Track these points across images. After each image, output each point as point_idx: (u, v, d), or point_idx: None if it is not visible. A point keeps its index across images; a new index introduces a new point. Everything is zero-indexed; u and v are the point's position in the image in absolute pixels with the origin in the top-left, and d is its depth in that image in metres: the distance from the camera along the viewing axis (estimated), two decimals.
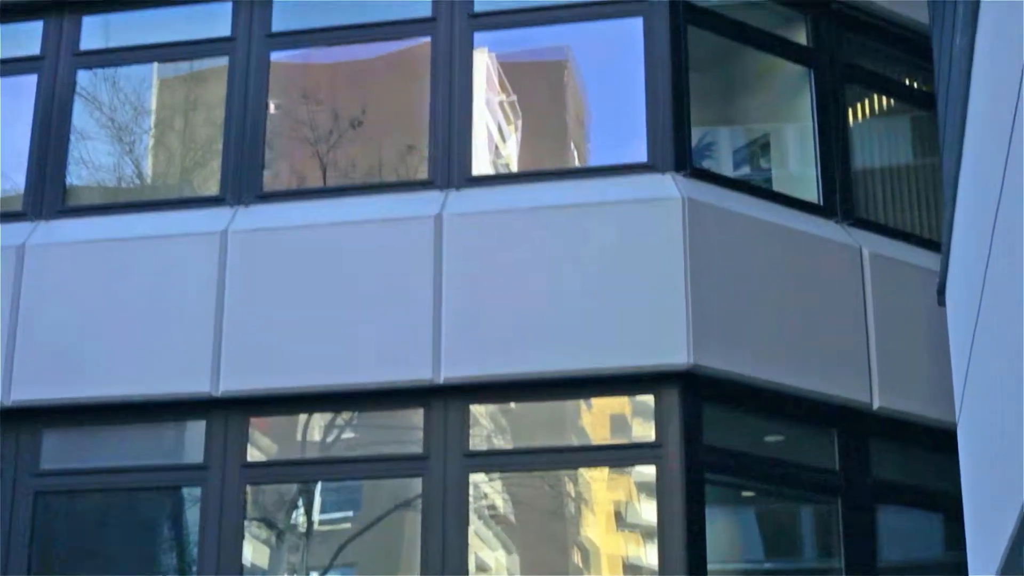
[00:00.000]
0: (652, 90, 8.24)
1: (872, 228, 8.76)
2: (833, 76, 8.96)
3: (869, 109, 9.36)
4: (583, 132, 9.08)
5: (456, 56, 8.52)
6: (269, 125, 8.66)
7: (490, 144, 8.82)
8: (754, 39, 8.91)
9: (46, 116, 8.92)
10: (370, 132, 8.81)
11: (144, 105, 9.17)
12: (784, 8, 9.06)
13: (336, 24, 8.80)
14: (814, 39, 9.02)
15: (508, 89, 8.96)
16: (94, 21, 9.10)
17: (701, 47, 8.58)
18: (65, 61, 9.03)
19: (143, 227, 8.43)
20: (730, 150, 9.18)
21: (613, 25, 8.55)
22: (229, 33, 8.87)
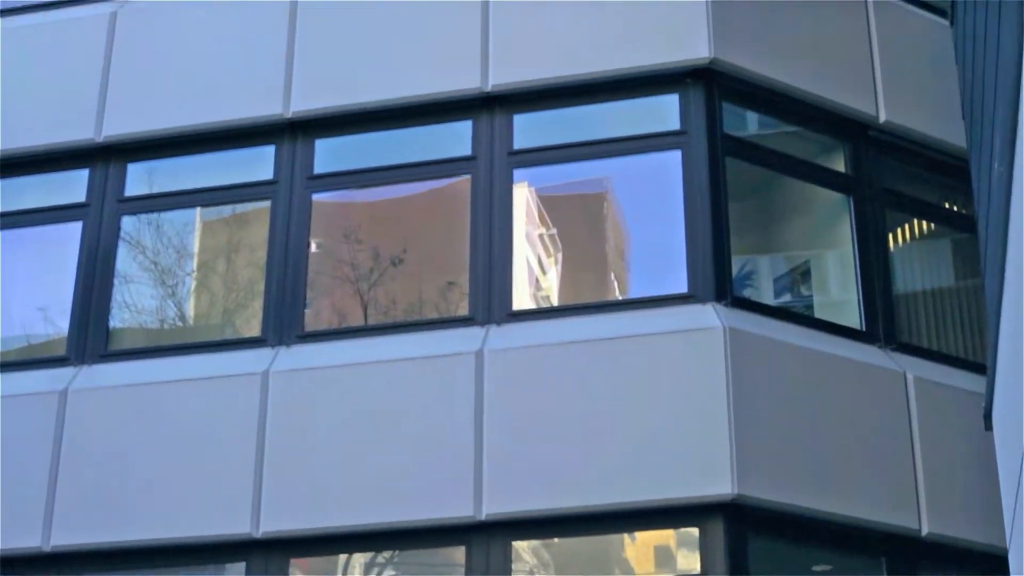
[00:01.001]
0: (692, 221, 8.51)
1: (916, 352, 8.91)
2: (873, 202, 9.20)
3: (909, 233, 9.58)
4: (623, 263, 9.33)
5: (496, 193, 8.84)
6: (311, 264, 9.00)
7: (530, 277, 9.08)
8: (792, 168, 9.21)
9: (90, 262, 9.32)
10: (411, 269, 9.12)
11: (187, 248, 9.56)
12: (822, 136, 9.35)
13: (377, 165, 9.19)
14: (852, 166, 9.28)
15: (548, 222, 9.25)
16: (138, 168, 9.55)
17: (740, 176, 8.87)
18: (110, 208, 9.47)
19: (185, 369, 8.73)
20: (771, 278, 9.39)
21: (652, 158, 8.86)
22: (271, 176, 9.27)
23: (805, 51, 9.22)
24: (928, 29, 9.76)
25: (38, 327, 9.46)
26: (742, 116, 9.31)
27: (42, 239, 9.60)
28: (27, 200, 9.68)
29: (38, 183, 9.72)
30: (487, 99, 9.10)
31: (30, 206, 9.65)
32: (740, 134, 9.06)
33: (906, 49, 9.62)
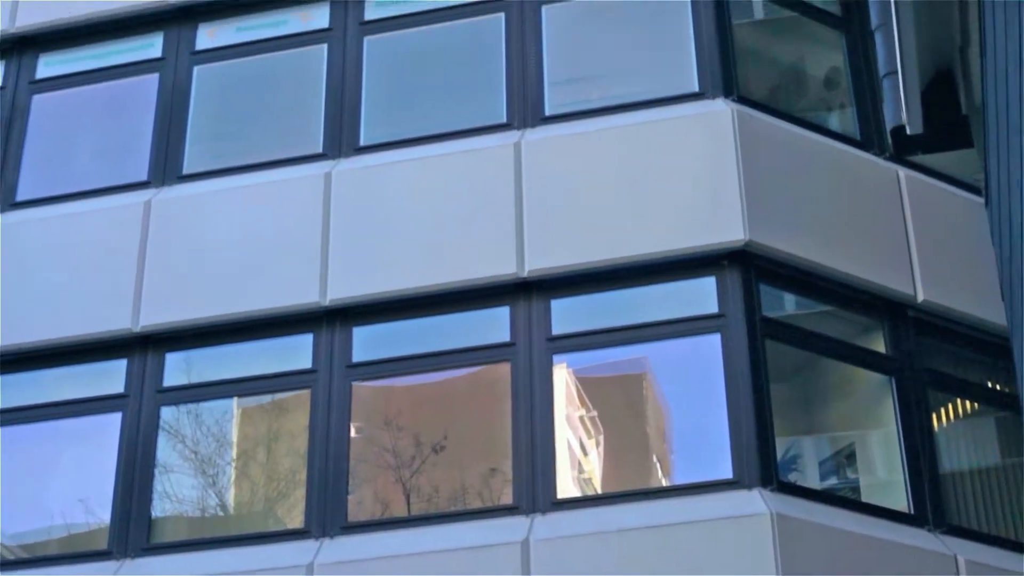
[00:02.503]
0: (733, 404, 8.90)
1: (966, 535, 9.23)
2: (914, 382, 9.61)
3: (953, 412, 9.94)
4: (665, 445, 9.72)
5: (536, 379, 9.27)
6: (352, 450, 9.35)
7: (572, 460, 9.44)
8: (833, 350, 9.66)
9: (130, 452, 9.74)
10: (452, 456, 9.50)
11: (226, 436, 9.96)
12: (861, 317, 9.78)
13: (415, 352, 9.62)
14: (893, 346, 9.72)
15: (588, 404, 9.65)
16: (177, 357, 9.99)
17: (781, 358, 9.28)
18: (149, 398, 9.88)
19: (229, 562, 9.08)
20: (816, 460, 9.75)
21: (691, 341, 9.28)
22: (310, 365, 9.71)
23: (840, 232, 9.74)
24: (963, 207, 10.29)
25: (79, 517, 9.82)
26: (780, 296, 9.77)
27: (82, 430, 10.02)
28: (66, 391, 10.15)
29: (76, 374, 10.19)
30: (524, 285, 9.60)
31: (69, 397, 10.10)
32: (779, 315, 9.52)
33: (942, 228, 10.15)
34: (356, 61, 10.93)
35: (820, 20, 11.12)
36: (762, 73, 10.93)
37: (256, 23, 11.41)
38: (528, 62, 10.51)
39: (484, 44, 10.82)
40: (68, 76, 11.59)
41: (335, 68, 10.94)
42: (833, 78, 11.12)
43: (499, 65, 10.62)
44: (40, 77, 11.67)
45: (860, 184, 10.18)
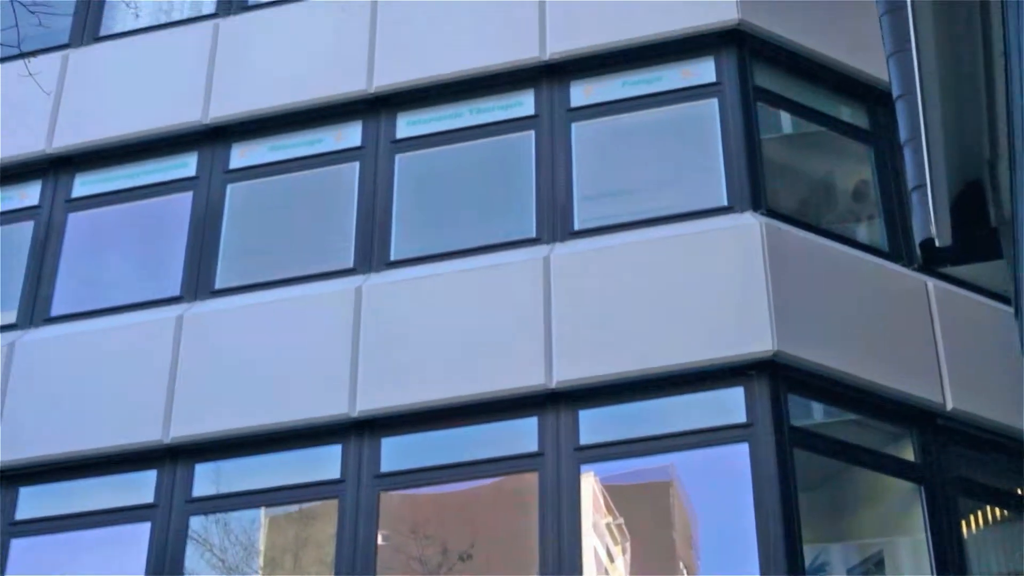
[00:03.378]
0: (761, 513, 9.21)
1: None
2: (944, 490, 9.90)
3: (983, 519, 10.18)
4: (692, 553, 9.98)
5: (563, 489, 9.61)
6: (379, 559, 9.69)
7: (599, 567, 9.74)
8: (861, 459, 9.96)
9: (159, 562, 10.19)
10: (479, 565, 9.85)
11: (254, 545, 10.31)
12: (890, 425, 10.10)
13: (443, 462, 10.00)
14: (922, 455, 10.02)
15: (615, 512, 9.96)
16: (206, 468, 10.41)
17: (809, 466, 9.58)
18: (178, 508, 10.29)
19: None
20: (844, 568, 10.00)
21: (719, 450, 9.62)
22: (339, 476, 10.10)
23: (869, 342, 10.10)
24: (992, 317, 10.63)
25: None
26: (808, 405, 10.12)
27: (111, 539, 10.42)
28: (96, 501, 10.58)
29: (107, 484, 10.63)
30: (552, 396, 9.99)
31: (99, 507, 10.53)
32: (807, 423, 9.84)
33: (971, 337, 10.49)
34: (387, 178, 11.50)
35: (848, 134, 11.63)
36: (790, 186, 11.41)
37: (289, 142, 12.05)
38: (557, 177, 11.04)
39: (514, 160, 11.37)
40: (103, 195, 12.25)
41: (366, 185, 11.50)
42: (861, 190, 11.59)
43: (529, 180, 11.15)
44: (76, 196, 12.34)
45: (889, 295, 10.58)
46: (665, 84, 11.37)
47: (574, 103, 11.49)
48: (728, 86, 11.12)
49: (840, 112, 11.70)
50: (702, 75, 11.34)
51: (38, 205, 12.38)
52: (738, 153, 10.78)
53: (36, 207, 12.39)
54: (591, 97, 11.50)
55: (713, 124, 11.05)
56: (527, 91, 11.64)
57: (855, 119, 11.69)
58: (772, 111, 11.46)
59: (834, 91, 11.66)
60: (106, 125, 12.38)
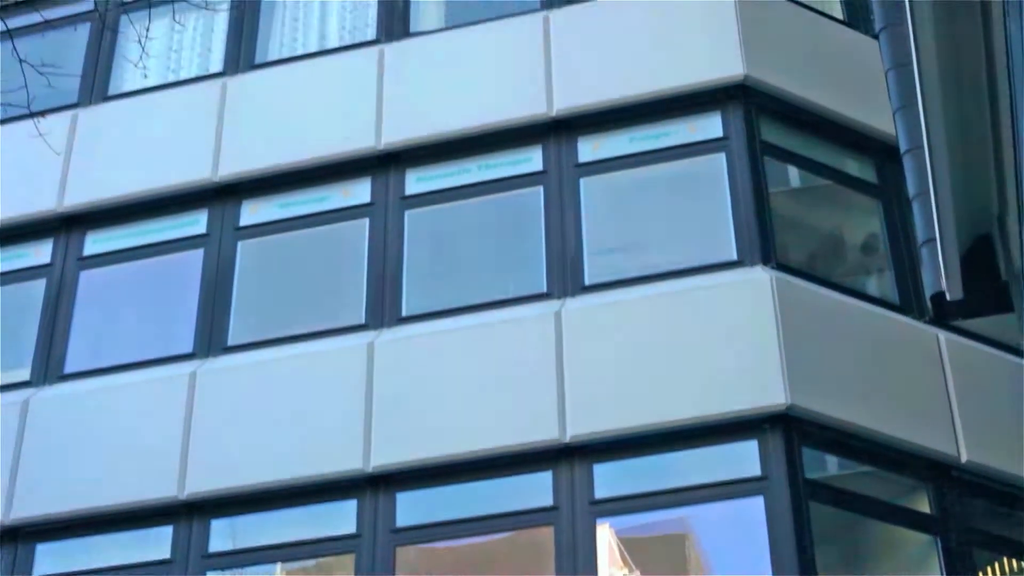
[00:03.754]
0: (778, 565, 9.40)
1: None
2: (960, 542, 10.06)
3: (999, 571, 10.34)
4: None
5: (579, 543, 9.79)
6: None
7: None
8: (877, 511, 10.12)
9: None
10: None
11: None
12: (905, 478, 10.29)
13: (459, 517, 10.17)
14: (937, 507, 10.20)
15: (630, 564, 10.13)
16: (222, 523, 10.59)
17: (825, 519, 9.76)
18: (195, 564, 10.47)
19: None
20: None
21: (734, 504, 9.80)
22: (355, 530, 10.28)
23: (882, 394, 10.29)
24: (1005, 369, 10.80)
25: None
26: (823, 458, 10.31)
27: None
28: (112, 557, 10.75)
29: (123, 540, 10.80)
30: (567, 450, 10.17)
31: (116, 563, 10.71)
32: (822, 476, 10.03)
33: (984, 389, 10.68)
34: (397, 234, 11.72)
35: (856, 188, 11.87)
36: (800, 240, 11.63)
37: (298, 199, 12.30)
38: (567, 232, 11.27)
39: (524, 215, 11.60)
40: (115, 253, 12.47)
41: (377, 241, 11.72)
42: (871, 244, 11.82)
43: (539, 235, 11.38)
44: (88, 254, 12.57)
45: (900, 347, 10.77)
46: (672, 139, 11.61)
47: (582, 158, 11.72)
48: (735, 141, 11.35)
49: (847, 166, 11.95)
50: (709, 130, 11.58)
51: (50, 263, 12.59)
52: (747, 207, 10.99)
53: (48, 265, 12.59)
54: (599, 152, 11.75)
55: (721, 178, 11.27)
56: (535, 147, 11.88)
57: (863, 173, 11.94)
58: (780, 165, 11.73)
59: (841, 145, 11.90)
60: (116, 183, 12.60)
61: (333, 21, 13.39)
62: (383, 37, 12.88)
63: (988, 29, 6.32)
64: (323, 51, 13.12)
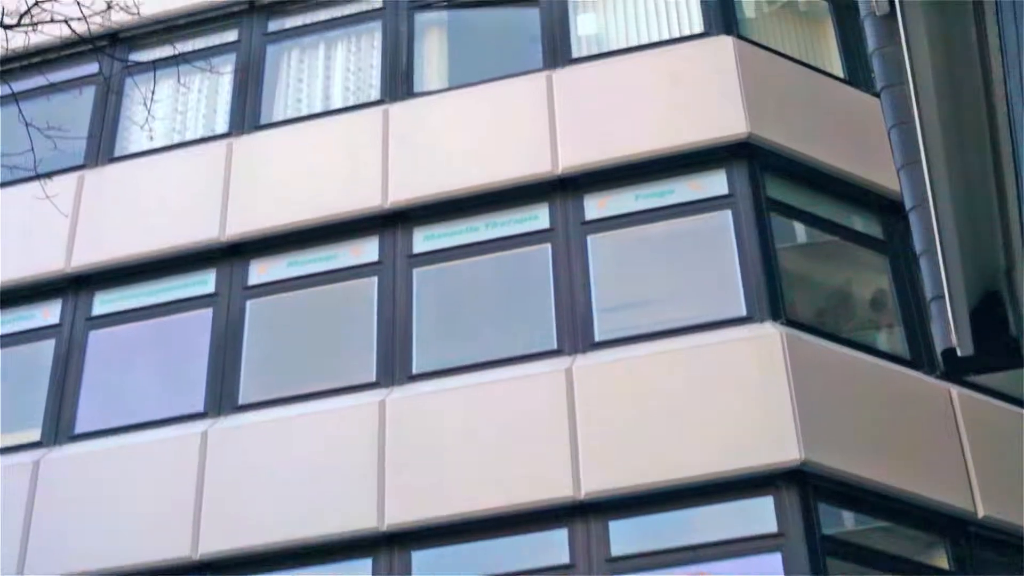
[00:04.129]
0: None
1: None
2: None
3: None
4: None
5: None
6: None
7: None
8: (895, 567, 10.25)
9: None
10: None
11: None
12: (921, 533, 10.45)
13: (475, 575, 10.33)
14: (955, 562, 10.33)
15: None
16: None
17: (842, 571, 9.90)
18: None
19: None
20: None
21: (751, 560, 9.97)
22: None
23: (896, 449, 10.43)
24: (1018, 423, 10.85)
25: None
26: (839, 513, 10.48)
27: None
28: None
29: None
30: (581, 507, 10.31)
31: None
32: (839, 531, 10.18)
33: (998, 443, 10.77)
34: (406, 292, 11.92)
35: (863, 244, 12.10)
36: (808, 295, 11.83)
37: (307, 258, 12.53)
38: (576, 289, 11.48)
39: (532, 273, 11.78)
40: (123, 313, 12.66)
41: (386, 299, 11.91)
42: (879, 299, 12.03)
43: (548, 293, 11.58)
44: (96, 314, 12.75)
45: (913, 402, 10.94)
46: (678, 196, 11.81)
47: (588, 216, 11.92)
48: (741, 198, 11.55)
49: (853, 222, 12.17)
50: (714, 187, 11.78)
51: (59, 323, 12.75)
52: (754, 263, 11.17)
53: (57, 325, 12.77)
54: (605, 210, 11.96)
55: (728, 235, 11.45)
56: (542, 205, 12.09)
57: (869, 229, 12.16)
58: (786, 221, 11.97)
59: (846, 201, 12.11)
60: (124, 244, 12.77)
61: (337, 82, 13.66)
62: (387, 97, 13.13)
63: (989, 87, 6.44)
64: (328, 111, 13.36)
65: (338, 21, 14.03)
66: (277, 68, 13.89)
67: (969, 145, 6.70)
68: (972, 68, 6.38)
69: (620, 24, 13.16)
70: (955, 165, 6.71)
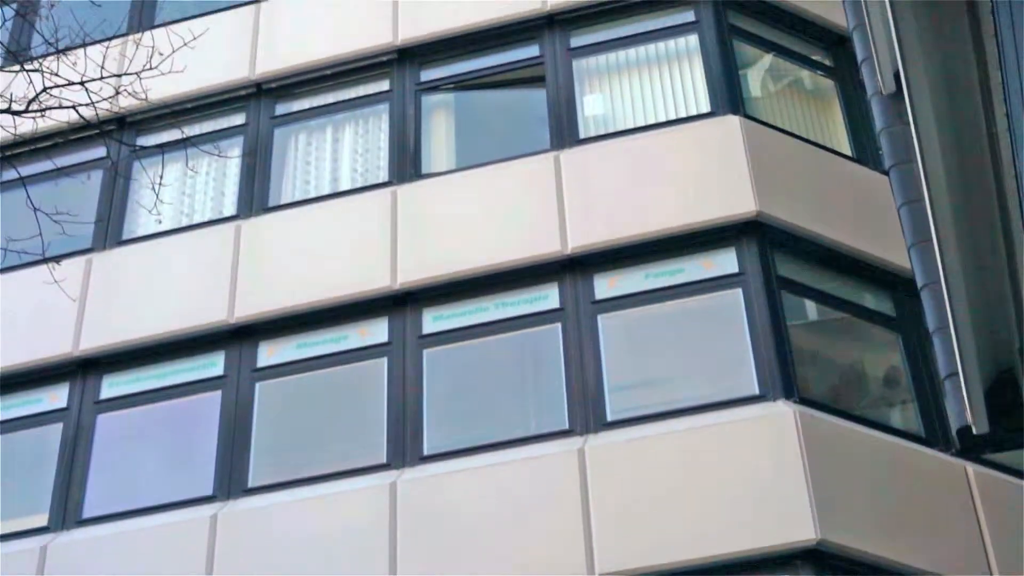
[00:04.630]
0: None
1: None
2: None
3: None
4: None
5: None
6: None
7: None
8: None
9: None
10: None
11: None
12: None
13: None
14: None
15: None
16: None
17: None
18: None
19: None
20: None
21: None
22: None
23: (912, 527, 10.46)
24: None
25: None
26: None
27: None
28: None
29: None
30: None
31: None
32: None
33: (1016, 519, 10.78)
34: (416, 373, 12.05)
35: (874, 321, 12.24)
36: (821, 373, 11.94)
37: (316, 339, 12.70)
38: (587, 369, 11.63)
39: (543, 353, 11.96)
40: (132, 395, 12.81)
41: (396, 380, 12.05)
42: (892, 376, 12.14)
43: (558, 372, 11.74)
44: (104, 397, 12.92)
45: (928, 480, 10.97)
46: (688, 275, 11.98)
47: (598, 295, 12.08)
48: (751, 276, 11.71)
49: (865, 299, 12.32)
50: (724, 266, 11.97)
51: (66, 407, 12.92)
52: (766, 341, 11.29)
53: (64, 409, 12.93)
54: (615, 289, 12.13)
55: (739, 313, 11.60)
56: (551, 284, 12.27)
57: (880, 306, 12.32)
58: (797, 298, 12.14)
59: (857, 278, 12.27)
60: (132, 326, 12.92)
61: (345, 163, 13.90)
62: (395, 179, 13.37)
63: (998, 167, 6.64)
64: (336, 193, 13.58)
65: (345, 104, 14.26)
66: (285, 151, 14.11)
67: (980, 222, 6.75)
68: (980, 147, 6.45)
69: (627, 104, 13.40)
70: (966, 242, 6.77)
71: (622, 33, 13.86)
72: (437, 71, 14.21)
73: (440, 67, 14.22)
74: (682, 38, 13.65)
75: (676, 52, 13.61)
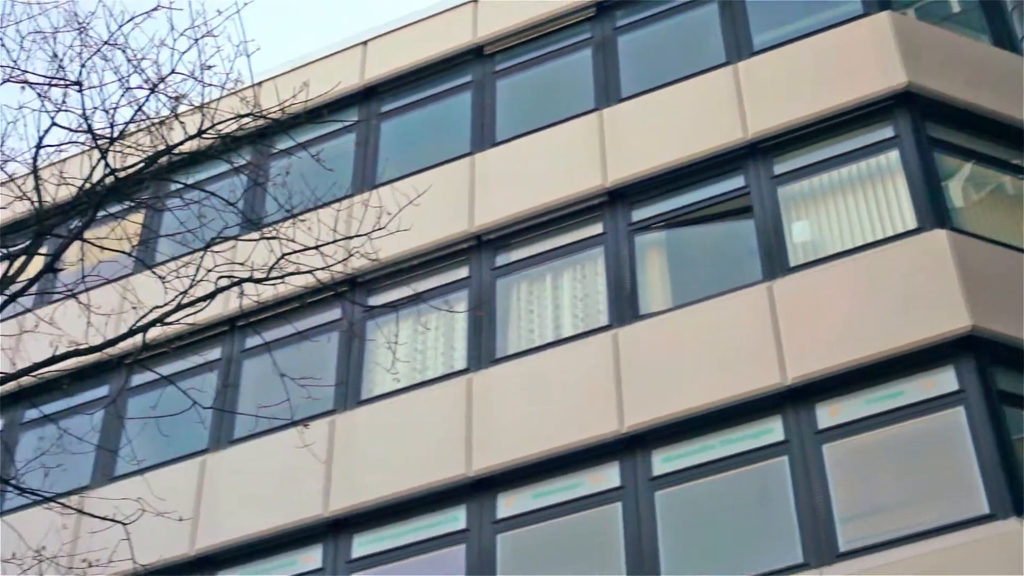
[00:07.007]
0: None
1: None
2: None
3: None
4: None
5: None
6: None
7: None
8: None
9: None
10: None
11: None
12: None
13: None
14: None
15: None
16: None
17: None
18: None
19: None
20: None
21: None
22: None
23: None
24: None
25: None
26: None
27: None
28: None
29: None
30: None
31: None
32: None
33: None
34: (650, 516, 12.80)
35: None
36: None
37: (550, 488, 13.51)
38: (816, 500, 12.11)
39: (771, 486, 12.53)
40: (381, 553, 13.82)
41: (630, 525, 12.80)
42: None
43: (788, 505, 12.27)
44: (355, 556, 13.93)
45: None
46: (908, 397, 12.44)
47: (821, 425, 12.62)
48: (972, 394, 12.10)
49: None
50: (944, 384, 12.38)
51: (320, 568, 13.98)
52: (991, 458, 11.64)
53: (319, 570, 13.99)
54: (837, 417, 12.61)
55: (962, 432, 11.96)
56: (775, 417, 12.89)
57: None
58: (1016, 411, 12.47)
59: None
60: (378, 485, 13.96)
61: (566, 309, 14.82)
62: (615, 322, 14.28)
63: None
64: (559, 340, 14.52)
65: (561, 250, 15.22)
66: (507, 300, 15.04)
67: None
68: None
69: (834, 227, 13.99)
70: None
71: (823, 156, 14.48)
72: (647, 210, 15.04)
73: (649, 205, 15.06)
74: (883, 155, 14.16)
75: (878, 169, 14.14)
